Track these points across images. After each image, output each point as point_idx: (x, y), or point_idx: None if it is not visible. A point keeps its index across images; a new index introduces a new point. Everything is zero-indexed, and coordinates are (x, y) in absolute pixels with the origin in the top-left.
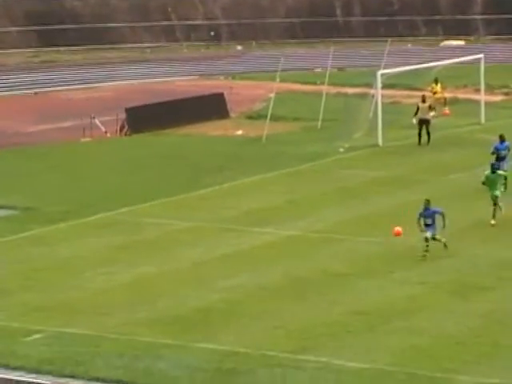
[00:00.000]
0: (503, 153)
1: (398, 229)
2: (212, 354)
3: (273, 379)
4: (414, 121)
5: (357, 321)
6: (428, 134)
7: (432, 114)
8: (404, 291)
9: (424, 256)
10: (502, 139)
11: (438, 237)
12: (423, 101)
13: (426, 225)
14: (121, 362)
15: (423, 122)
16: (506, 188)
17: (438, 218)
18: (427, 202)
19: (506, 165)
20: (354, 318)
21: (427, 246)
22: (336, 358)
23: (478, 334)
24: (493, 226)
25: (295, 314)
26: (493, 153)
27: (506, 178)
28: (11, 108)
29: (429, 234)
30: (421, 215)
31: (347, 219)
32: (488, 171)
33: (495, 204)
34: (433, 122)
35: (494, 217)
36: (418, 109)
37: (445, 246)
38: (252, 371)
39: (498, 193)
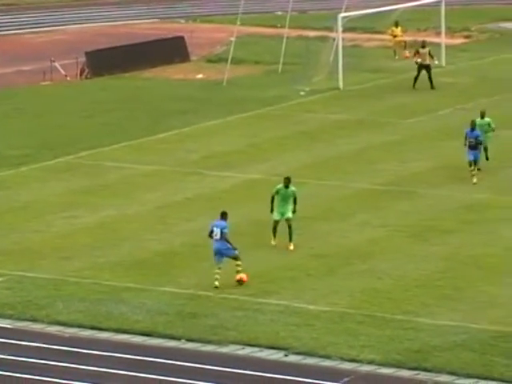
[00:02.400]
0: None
1: (242, 275)
2: (174, 297)
3: (234, 322)
4: (418, 62)
5: (317, 264)
6: (430, 79)
7: (436, 61)
8: (365, 234)
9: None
10: (472, 126)
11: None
12: (423, 46)
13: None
14: (82, 306)
15: (423, 67)
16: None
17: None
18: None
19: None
20: (315, 261)
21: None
22: (296, 301)
23: (439, 277)
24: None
25: (256, 257)
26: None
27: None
28: None
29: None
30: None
31: (309, 163)
32: (281, 184)
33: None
34: (436, 63)
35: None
36: (416, 52)
37: None
38: (213, 314)
39: (290, 215)
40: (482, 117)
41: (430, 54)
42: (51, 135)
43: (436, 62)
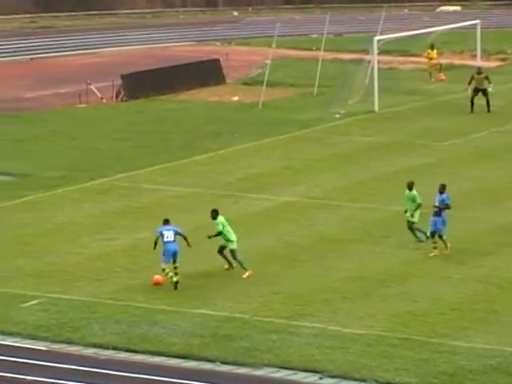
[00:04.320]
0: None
1: (157, 277)
2: (208, 319)
3: (269, 345)
4: (469, 90)
5: (353, 287)
6: (487, 102)
7: (490, 88)
8: (400, 257)
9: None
10: (440, 189)
11: None
12: (479, 73)
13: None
14: (117, 328)
15: (479, 91)
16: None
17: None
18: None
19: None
20: (350, 283)
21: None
22: (332, 324)
23: (474, 300)
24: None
25: (292, 280)
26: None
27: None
28: (8, 73)
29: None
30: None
31: (343, 185)
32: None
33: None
34: (491, 91)
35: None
36: (472, 78)
37: None
38: (248, 337)
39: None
40: (410, 189)
41: (487, 78)
42: (87, 157)
43: (490, 89)
